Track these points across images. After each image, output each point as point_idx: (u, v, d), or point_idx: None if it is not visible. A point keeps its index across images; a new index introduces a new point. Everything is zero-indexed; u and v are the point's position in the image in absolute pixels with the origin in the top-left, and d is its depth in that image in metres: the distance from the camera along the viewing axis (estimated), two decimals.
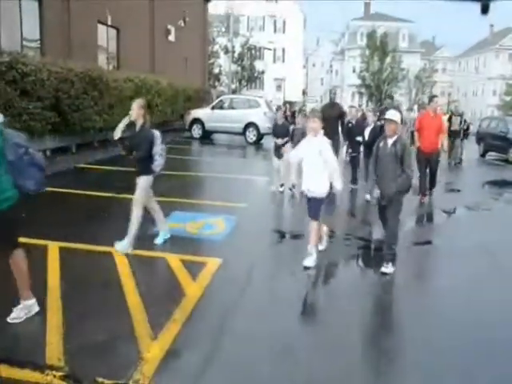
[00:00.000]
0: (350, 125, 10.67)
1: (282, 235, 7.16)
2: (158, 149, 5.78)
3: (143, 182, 5.76)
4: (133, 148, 5.75)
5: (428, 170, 9.98)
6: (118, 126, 5.76)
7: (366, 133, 9.91)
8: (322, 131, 5.69)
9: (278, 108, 11.25)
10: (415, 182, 8.98)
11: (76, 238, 5.99)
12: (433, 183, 10.23)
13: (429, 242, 7.50)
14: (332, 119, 9.94)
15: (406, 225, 7.79)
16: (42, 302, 4.24)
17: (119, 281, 4.91)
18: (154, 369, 3.42)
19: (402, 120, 10.13)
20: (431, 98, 10.68)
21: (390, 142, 5.50)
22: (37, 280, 4.40)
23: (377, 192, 5.63)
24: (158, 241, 6.10)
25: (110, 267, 5.25)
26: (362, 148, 10.51)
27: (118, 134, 5.72)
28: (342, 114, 10.46)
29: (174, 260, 5.51)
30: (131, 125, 5.78)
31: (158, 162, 5.79)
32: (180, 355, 3.68)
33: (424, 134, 9.88)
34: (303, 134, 8.08)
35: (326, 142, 5.69)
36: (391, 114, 5.70)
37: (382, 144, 5.65)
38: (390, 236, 5.64)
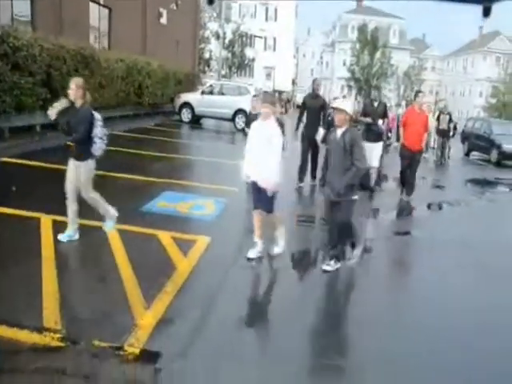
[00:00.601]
0: (329, 118, 9.60)
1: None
2: (98, 131, 5.43)
3: (84, 169, 5.30)
4: (71, 129, 5.29)
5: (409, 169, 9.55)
6: (53, 105, 5.21)
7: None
8: (273, 116, 5.31)
9: (256, 96, 10.35)
10: (375, 176, 9.73)
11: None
12: (411, 185, 9.55)
13: (408, 233, 7.78)
14: (314, 110, 9.73)
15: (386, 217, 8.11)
16: (37, 271, 4.39)
17: (112, 254, 5.05)
18: (147, 334, 3.61)
19: (384, 114, 9.99)
20: (417, 93, 10.26)
21: (339, 133, 5.13)
22: (33, 250, 4.54)
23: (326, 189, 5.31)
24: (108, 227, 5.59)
25: (102, 242, 5.39)
26: None
27: (52, 114, 5.17)
28: (324, 106, 9.93)
29: (165, 237, 5.67)
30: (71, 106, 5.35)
31: (98, 146, 5.42)
32: (171, 323, 3.87)
33: (408, 131, 9.48)
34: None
35: (277, 128, 5.26)
36: (339, 103, 5.38)
37: (332, 136, 5.32)
38: (330, 239, 5.40)
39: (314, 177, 9.85)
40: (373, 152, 9.33)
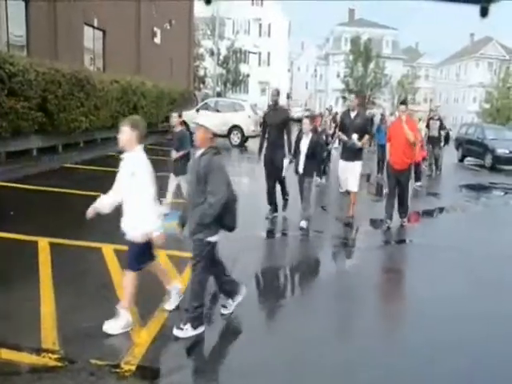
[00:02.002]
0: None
1: (267, 234, 7.47)
2: None
3: None
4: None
5: (397, 191, 8.31)
6: None
7: (303, 145, 7.78)
8: (139, 146, 4.00)
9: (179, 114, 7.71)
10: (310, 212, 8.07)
11: (65, 234, 6.21)
12: (403, 208, 8.44)
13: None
14: (275, 127, 8.09)
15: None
16: (36, 294, 4.48)
17: (109, 274, 5.15)
18: (143, 352, 3.69)
19: (363, 127, 8.19)
20: (402, 102, 8.81)
21: (197, 155, 4.06)
22: (31, 273, 4.63)
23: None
24: None
25: (98, 261, 5.48)
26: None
27: None
28: (286, 120, 8.21)
29: (161, 255, 5.74)
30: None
31: None
32: (167, 340, 3.95)
33: (393, 146, 8.18)
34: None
35: (141, 160, 4.02)
36: (198, 118, 4.24)
37: (192, 159, 4.26)
38: (189, 296, 4.19)
39: (285, 206, 8.50)
40: (349, 173, 8.33)
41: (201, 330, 4.07)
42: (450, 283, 5.81)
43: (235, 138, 20.36)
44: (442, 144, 15.71)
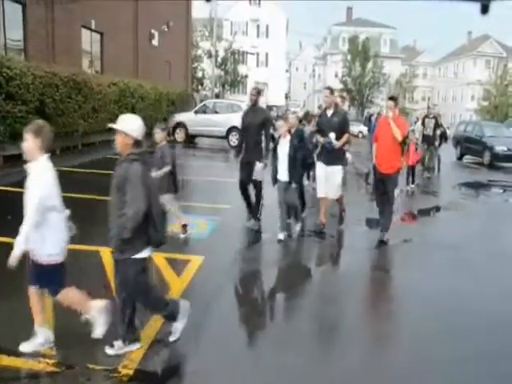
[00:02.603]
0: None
1: (261, 235, 7.47)
2: None
3: None
4: None
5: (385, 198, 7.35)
6: None
7: (281, 149, 6.94)
8: (43, 155, 3.54)
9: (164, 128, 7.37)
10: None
11: None
12: (385, 220, 7.29)
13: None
14: (253, 129, 7.44)
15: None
16: None
17: (106, 278, 5.14)
18: (141, 355, 3.68)
19: (342, 127, 6.94)
20: (390, 97, 7.58)
21: (117, 162, 3.67)
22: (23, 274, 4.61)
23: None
24: None
25: (97, 265, 5.48)
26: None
27: None
28: (265, 122, 7.41)
29: (159, 258, 5.76)
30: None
31: None
32: (164, 345, 3.94)
33: (380, 146, 7.31)
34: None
35: (41, 172, 3.53)
36: (118, 122, 3.63)
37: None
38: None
39: (255, 217, 7.54)
40: (329, 179, 7.32)
41: (135, 346, 3.76)
42: (448, 281, 5.81)
43: (234, 139, 20.33)
44: (438, 143, 14.96)
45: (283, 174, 6.85)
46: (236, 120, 20.08)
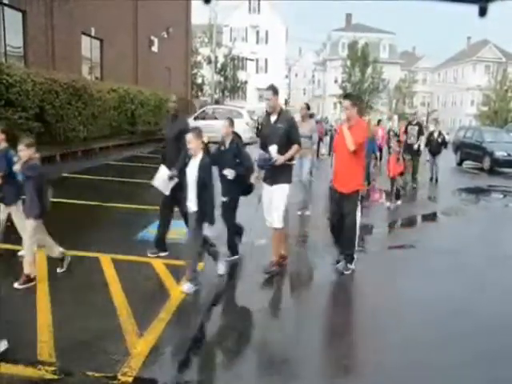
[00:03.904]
0: (222, 148, 6.29)
1: (257, 241, 7.44)
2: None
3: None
4: None
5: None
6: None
7: (189, 170, 5.30)
8: None
9: None
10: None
11: (65, 243, 6.18)
12: (346, 248, 5.96)
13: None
14: (171, 141, 6.32)
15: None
16: (33, 305, 4.47)
17: (106, 283, 5.13)
18: (140, 363, 3.66)
19: (288, 137, 5.52)
20: (345, 95, 6.66)
21: None
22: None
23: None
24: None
25: (97, 271, 5.47)
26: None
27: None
28: (182, 133, 5.89)
29: (158, 264, 5.75)
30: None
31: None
32: (164, 351, 3.93)
33: (336, 158, 6.17)
34: None
35: None
36: None
37: None
38: None
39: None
40: (272, 200, 5.77)
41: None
42: (448, 286, 5.79)
43: None
44: (436, 151, 14.27)
45: (192, 203, 5.21)
46: (236, 126, 20.25)
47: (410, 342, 4.33)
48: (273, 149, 5.59)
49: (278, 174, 5.66)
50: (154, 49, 24.97)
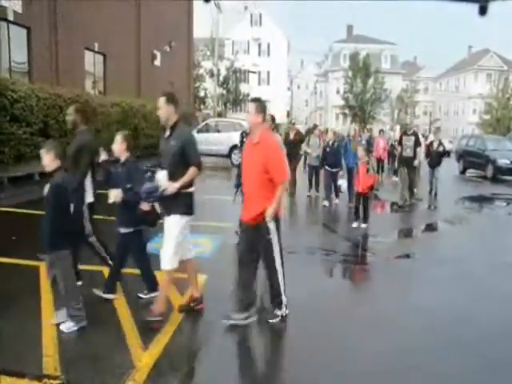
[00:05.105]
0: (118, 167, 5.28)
1: None
2: None
3: None
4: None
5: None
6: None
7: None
8: None
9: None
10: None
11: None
12: (243, 296, 4.79)
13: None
14: (69, 160, 5.34)
15: None
16: (38, 318, 4.49)
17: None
18: (145, 375, 3.68)
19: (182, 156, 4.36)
20: (253, 100, 4.86)
21: None
22: (33, 297, 4.64)
23: None
24: None
25: (100, 284, 5.48)
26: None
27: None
28: (78, 151, 5.49)
29: (161, 276, 5.75)
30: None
31: None
32: (169, 364, 3.93)
33: (243, 179, 4.94)
34: None
35: None
36: None
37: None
38: None
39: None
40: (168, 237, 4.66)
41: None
42: (451, 294, 5.78)
43: (236, 158, 20.45)
44: (437, 160, 13.49)
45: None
46: (238, 138, 20.36)
47: (409, 348, 4.33)
48: (161, 175, 4.59)
49: (169, 201, 4.56)
50: (157, 63, 25.19)
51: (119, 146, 5.18)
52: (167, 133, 4.80)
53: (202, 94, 41.83)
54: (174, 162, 4.57)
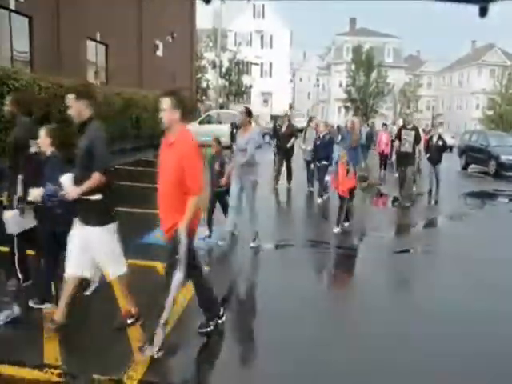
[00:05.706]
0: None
1: (266, 246, 7.45)
2: None
3: None
4: None
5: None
6: None
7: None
8: None
9: None
10: None
11: None
12: (208, 313, 4.40)
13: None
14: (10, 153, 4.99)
15: None
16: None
17: (111, 288, 5.13)
18: (146, 366, 3.67)
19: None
20: (166, 93, 4.16)
21: None
22: None
23: None
24: None
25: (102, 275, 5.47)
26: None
27: None
28: (17, 143, 4.89)
29: (160, 269, 5.75)
30: None
31: None
32: (169, 356, 3.93)
33: (159, 184, 4.41)
34: None
35: None
36: None
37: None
38: None
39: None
40: (90, 249, 4.20)
41: None
42: (454, 294, 5.77)
43: None
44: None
45: None
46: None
47: (408, 345, 4.33)
48: (65, 179, 4.17)
49: (83, 210, 4.16)
50: (159, 53, 25.10)
51: (43, 141, 4.64)
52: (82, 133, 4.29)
53: (204, 85, 41.69)
54: (81, 163, 4.10)
